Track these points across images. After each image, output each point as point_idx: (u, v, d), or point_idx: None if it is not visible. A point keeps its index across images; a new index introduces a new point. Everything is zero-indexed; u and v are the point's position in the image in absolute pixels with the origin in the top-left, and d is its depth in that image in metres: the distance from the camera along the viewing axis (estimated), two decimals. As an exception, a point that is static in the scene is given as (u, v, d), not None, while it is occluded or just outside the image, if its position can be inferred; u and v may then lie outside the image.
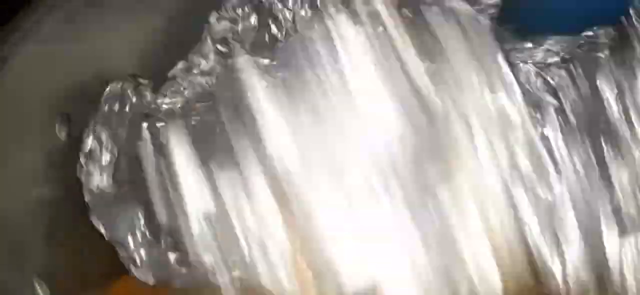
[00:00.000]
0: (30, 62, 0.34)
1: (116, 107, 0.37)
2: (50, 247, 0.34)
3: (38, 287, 0.32)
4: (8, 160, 0.32)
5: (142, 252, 0.34)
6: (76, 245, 0.37)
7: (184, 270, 0.33)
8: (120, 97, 0.37)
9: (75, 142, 0.37)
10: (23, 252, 0.32)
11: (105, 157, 0.36)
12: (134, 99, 0.37)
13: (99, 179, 0.35)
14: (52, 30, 0.36)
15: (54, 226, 0.35)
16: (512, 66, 0.30)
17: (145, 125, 0.36)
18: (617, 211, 0.29)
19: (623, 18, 0.30)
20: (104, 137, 0.36)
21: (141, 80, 0.38)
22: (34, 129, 0.35)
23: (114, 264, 0.39)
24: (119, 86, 0.37)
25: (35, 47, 0.34)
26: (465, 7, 0.31)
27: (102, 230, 0.34)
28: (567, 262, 0.29)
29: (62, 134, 0.37)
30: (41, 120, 0.36)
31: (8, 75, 0.33)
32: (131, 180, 0.35)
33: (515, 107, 0.29)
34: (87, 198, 0.35)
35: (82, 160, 0.36)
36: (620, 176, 0.29)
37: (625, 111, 0.29)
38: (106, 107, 0.37)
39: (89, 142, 0.36)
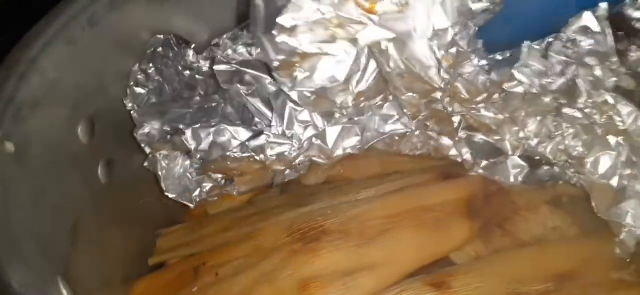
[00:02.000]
0: (58, 63, 0.35)
1: (160, 50, 0.41)
2: (75, 248, 0.35)
3: (62, 287, 0.32)
4: (34, 161, 0.33)
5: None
6: (99, 246, 0.37)
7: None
8: (164, 43, 0.41)
9: (98, 145, 0.38)
10: (48, 253, 0.32)
11: (150, 84, 0.40)
12: (176, 49, 0.42)
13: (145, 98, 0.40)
14: (78, 33, 0.36)
15: (78, 227, 0.35)
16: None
17: (186, 73, 0.42)
18: None
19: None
20: (151, 70, 0.40)
21: (183, 40, 0.43)
22: (60, 131, 0.35)
23: (135, 266, 0.40)
24: (161, 36, 0.41)
25: (62, 48, 0.35)
26: None
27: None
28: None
29: (84, 136, 0.37)
30: (66, 122, 0.36)
31: (36, 77, 0.33)
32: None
33: None
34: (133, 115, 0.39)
35: (129, 86, 0.39)
36: None
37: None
38: (152, 49, 0.41)
39: (136, 74, 0.40)
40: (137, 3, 0.39)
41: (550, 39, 0.34)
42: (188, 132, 0.38)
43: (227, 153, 0.38)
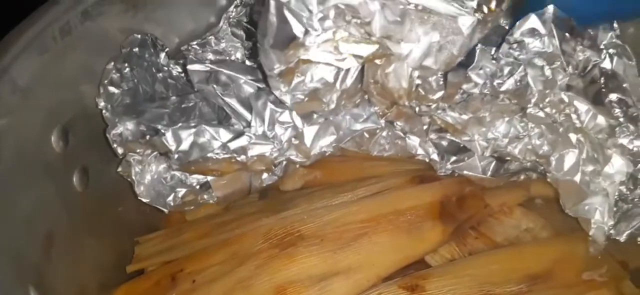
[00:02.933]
0: (30, 73, 0.34)
1: (136, 50, 0.41)
2: (48, 258, 0.34)
3: (33, 296, 0.32)
4: (7, 170, 0.33)
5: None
6: (75, 255, 0.37)
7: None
8: (140, 42, 0.41)
9: (72, 154, 0.38)
10: (19, 263, 0.32)
11: (125, 85, 0.40)
12: (152, 50, 0.42)
13: (119, 98, 0.39)
14: (51, 41, 0.36)
15: (53, 237, 0.35)
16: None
17: (159, 75, 0.42)
18: None
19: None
20: (126, 71, 0.40)
21: (159, 42, 0.43)
22: (33, 140, 0.35)
23: (112, 274, 0.39)
24: (139, 36, 0.41)
25: (35, 59, 0.35)
26: None
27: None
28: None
29: (58, 145, 0.37)
30: (39, 131, 0.36)
31: (7, 86, 0.33)
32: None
33: None
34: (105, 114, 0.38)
35: (103, 84, 0.39)
36: None
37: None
38: (128, 49, 0.41)
39: (111, 72, 0.39)
40: (111, 13, 0.39)
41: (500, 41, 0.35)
42: (168, 133, 0.38)
43: (208, 154, 0.38)
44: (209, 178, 0.40)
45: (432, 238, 0.36)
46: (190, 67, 0.40)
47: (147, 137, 0.38)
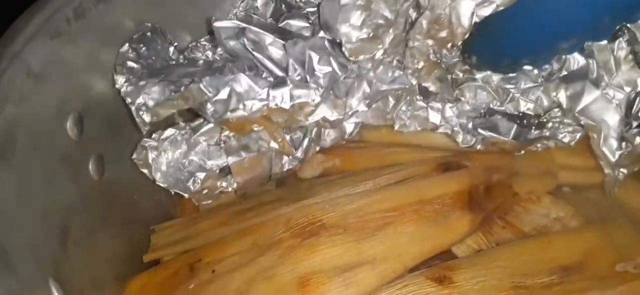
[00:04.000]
0: (43, 58, 0.33)
1: (149, 34, 0.40)
2: (66, 248, 0.34)
3: (53, 288, 0.31)
4: (21, 160, 0.31)
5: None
6: (91, 245, 0.36)
7: None
8: (152, 30, 0.41)
9: (87, 142, 0.37)
10: (39, 254, 0.31)
11: (143, 61, 0.39)
12: (162, 39, 0.41)
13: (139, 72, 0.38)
14: (64, 24, 0.35)
15: (69, 227, 0.34)
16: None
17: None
18: None
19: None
20: (142, 49, 0.39)
21: (169, 36, 0.42)
22: (47, 127, 0.34)
23: (128, 264, 0.39)
24: (149, 25, 0.40)
25: (47, 42, 0.34)
26: None
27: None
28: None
29: (73, 132, 0.36)
30: (53, 118, 0.35)
31: (20, 72, 0.32)
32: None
33: None
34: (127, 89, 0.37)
35: (121, 63, 0.38)
36: None
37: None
38: (140, 33, 0.40)
39: (127, 53, 0.38)
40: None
41: None
42: (204, 81, 0.35)
43: (248, 102, 0.36)
44: (230, 160, 0.39)
45: (460, 228, 0.35)
46: (217, 24, 0.38)
47: (182, 88, 0.36)
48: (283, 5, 0.43)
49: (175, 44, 0.42)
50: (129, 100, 0.37)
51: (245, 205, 0.41)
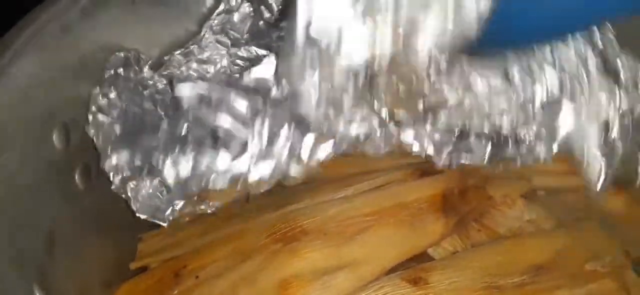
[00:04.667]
0: (30, 71, 0.34)
1: (121, 71, 0.40)
2: (51, 256, 0.34)
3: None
4: (8, 169, 0.32)
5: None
6: (78, 253, 0.37)
7: None
8: (124, 62, 0.41)
9: (74, 151, 0.38)
10: (24, 260, 0.32)
11: (113, 112, 0.39)
12: (136, 68, 0.41)
13: (108, 128, 0.38)
14: (51, 40, 0.36)
15: (55, 235, 0.35)
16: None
17: (146, 93, 0.41)
18: None
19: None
20: (113, 95, 0.39)
21: (142, 55, 0.42)
22: (35, 138, 0.35)
23: (115, 272, 0.39)
24: (122, 55, 0.40)
25: (35, 56, 0.35)
26: None
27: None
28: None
29: (60, 142, 0.37)
30: (40, 128, 0.36)
31: (8, 84, 0.33)
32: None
33: None
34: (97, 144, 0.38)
35: (92, 112, 0.38)
36: None
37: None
38: (112, 71, 0.40)
39: (99, 99, 0.39)
40: (109, 9, 0.39)
41: None
42: (166, 167, 0.37)
43: (209, 184, 0.37)
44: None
45: (435, 230, 0.36)
46: (178, 87, 0.39)
47: (145, 172, 0.38)
48: (261, 22, 0.44)
49: (150, 61, 0.43)
50: (101, 158, 0.38)
51: (230, 212, 0.42)
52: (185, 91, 0.38)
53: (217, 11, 0.45)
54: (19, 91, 0.34)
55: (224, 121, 0.38)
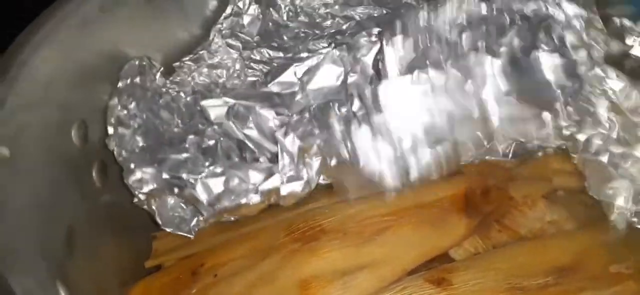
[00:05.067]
0: (49, 66, 0.34)
1: (137, 79, 0.40)
2: (71, 253, 0.34)
3: (60, 291, 0.32)
4: (28, 166, 0.32)
5: None
6: (95, 250, 0.37)
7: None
8: (139, 70, 0.40)
9: (91, 149, 0.37)
10: (46, 258, 0.32)
11: (133, 123, 0.39)
12: (151, 75, 0.41)
13: (131, 140, 0.38)
14: (68, 36, 0.36)
15: (74, 232, 0.35)
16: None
17: (162, 101, 0.41)
18: None
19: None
20: (131, 105, 0.39)
21: (154, 62, 0.42)
22: (53, 134, 0.35)
23: (131, 269, 0.39)
24: (136, 63, 0.40)
25: (52, 52, 0.34)
26: None
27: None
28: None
29: (78, 139, 0.37)
30: (59, 125, 0.36)
31: (27, 80, 0.33)
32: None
33: None
34: (119, 159, 0.37)
35: (111, 124, 0.38)
36: None
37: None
38: (128, 81, 0.40)
39: (118, 110, 0.38)
40: (127, 4, 0.39)
41: None
42: (198, 186, 0.37)
43: (242, 200, 0.37)
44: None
45: (457, 231, 0.36)
46: (204, 103, 0.39)
47: (176, 190, 0.37)
48: (270, 24, 0.44)
49: (161, 68, 0.43)
50: (124, 173, 0.38)
51: (247, 211, 0.42)
52: (212, 104, 0.38)
53: (224, 14, 0.45)
54: (38, 86, 0.34)
55: (251, 134, 0.38)
